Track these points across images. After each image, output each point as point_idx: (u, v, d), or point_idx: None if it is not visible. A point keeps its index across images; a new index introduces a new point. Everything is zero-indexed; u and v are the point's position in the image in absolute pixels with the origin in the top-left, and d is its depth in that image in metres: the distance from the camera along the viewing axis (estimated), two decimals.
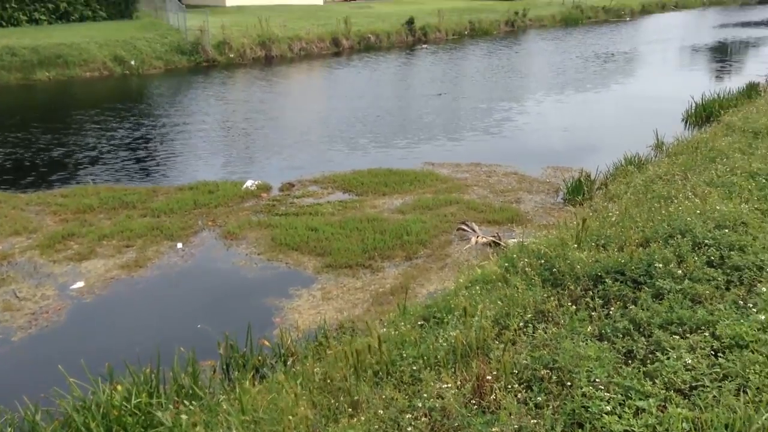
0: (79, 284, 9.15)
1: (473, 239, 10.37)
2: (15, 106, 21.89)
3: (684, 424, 3.48)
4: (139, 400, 5.42)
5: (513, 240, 9.64)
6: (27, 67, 25.28)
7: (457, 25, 43.99)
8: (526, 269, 6.02)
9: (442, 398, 4.12)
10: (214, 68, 29.66)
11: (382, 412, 4.19)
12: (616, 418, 3.59)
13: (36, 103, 22.91)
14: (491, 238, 10.28)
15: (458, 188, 13.06)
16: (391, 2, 54.59)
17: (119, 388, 5.56)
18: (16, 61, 25.14)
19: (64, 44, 26.84)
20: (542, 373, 4.18)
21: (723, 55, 36.79)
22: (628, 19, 60.58)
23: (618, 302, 5.04)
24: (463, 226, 10.76)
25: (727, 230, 5.96)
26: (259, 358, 6.89)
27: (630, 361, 4.25)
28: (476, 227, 10.70)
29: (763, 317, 4.32)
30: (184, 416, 4.87)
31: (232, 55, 31.08)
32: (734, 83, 22.48)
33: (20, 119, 19.34)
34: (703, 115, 18.01)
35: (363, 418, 4.21)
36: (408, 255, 9.95)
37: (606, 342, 4.49)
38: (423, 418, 4.02)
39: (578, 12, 56.45)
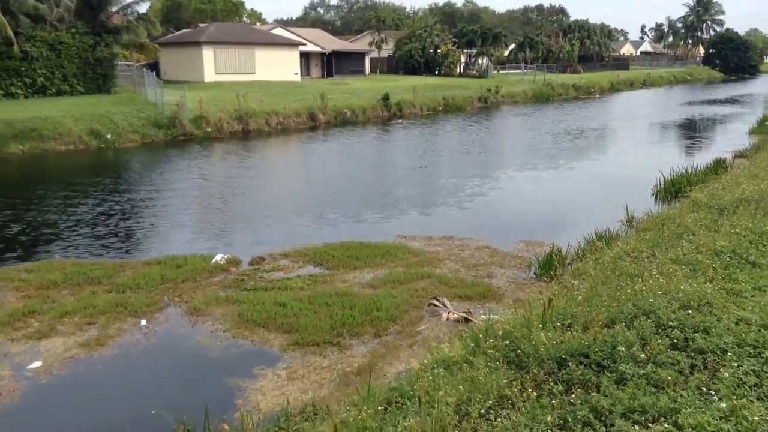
0: (37, 364, 8.81)
1: (444, 315, 10.23)
2: None
3: None
4: None
5: (484, 316, 9.53)
6: (0, 140, 25.19)
7: (431, 101, 45.01)
8: (491, 351, 5.91)
9: None
10: (191, 142, 29.85)
11: None
12: None
13: (8, 178, 22.72)
14: (463, 315, 10.15)
15: (430, 262, 12.97)
16: (367, 79, 55.87)
17: None
18: None
19: (39, 118, 26.92)
20: None
21: (691, 131, 37.86)
22: (597, 96, 62.48)
23: (580, 388, 4.92)
24: (435, 302, 10.63)
25: (691, 311, 5.93)
26: None
27: None
28: (447, 303, 10.58)
29: (724, 405, 4.23)
30: None
31: (209, 129, 31.36)
32: (702, 159, 23.07)
33: None
34: (672, 190, 18.33)
35: None
36: (377, 332, 9.75)
37: None
38: None
39: (549, 89, 58.19)
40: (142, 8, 42.52)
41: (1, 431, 7.33)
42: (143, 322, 10.16)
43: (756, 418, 4.10)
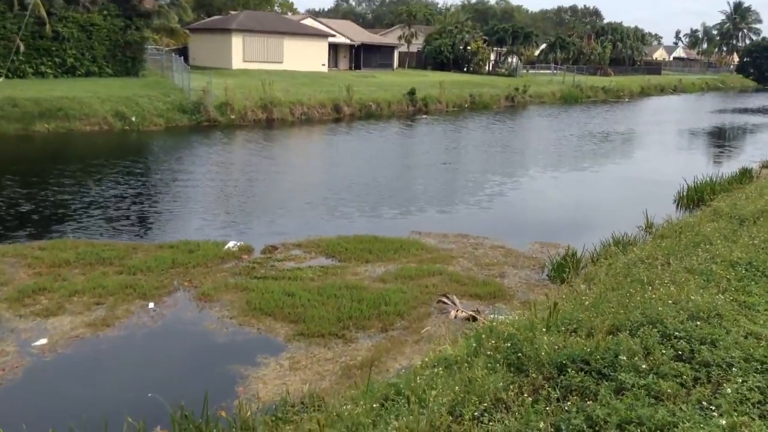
0: (42, 341, 8.85)
1: (452, 313, 10.12)
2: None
3: None
4: None
5: (492, 316, 9.40)
6: (27, 118, 25.51)
7: (457, 97, 44.73)
8: (491, 352, 5.78)
9: None
10: (215, 128, 29.95)
11: None
12: None
13: (30, 155, 22.97)
14: (471, 313, 10.03)
15: (443, 259, 12.85)
16: (394, 73, 55.68)
17: None
18: (17, 112, 25.39)
19: (66, 98, 27.19)
20: None
21: (720, 139, 37.24)
22: (626, 100, 61.71)
23: (577, 395, 4.77)
24: (444, 299, 10.52)
25: (699, 322, 5.73)
26: (214, 430, 6.57)
27: None
28: (457, 300, 10.46)
29: (724, 422, 4.05)
30: None
31: (233, 117, 31.44)
32: (728, 168, 22.65)
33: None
34: (694, 198, 17.99)
35: None
36: (384, 326, 9.67)
37: None
38: None
39: (578, 91, 57.57)
40: None
41: (0, 406, 7.36)
42: (151, 305, 10.17)
43: None
